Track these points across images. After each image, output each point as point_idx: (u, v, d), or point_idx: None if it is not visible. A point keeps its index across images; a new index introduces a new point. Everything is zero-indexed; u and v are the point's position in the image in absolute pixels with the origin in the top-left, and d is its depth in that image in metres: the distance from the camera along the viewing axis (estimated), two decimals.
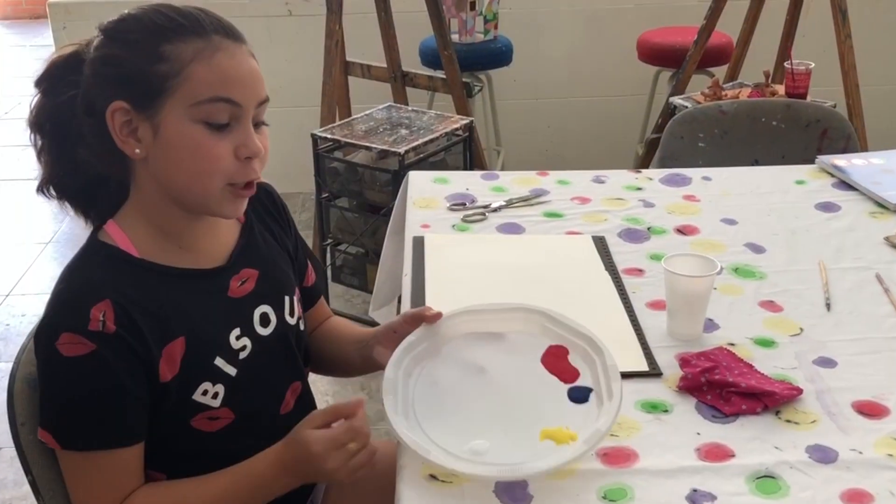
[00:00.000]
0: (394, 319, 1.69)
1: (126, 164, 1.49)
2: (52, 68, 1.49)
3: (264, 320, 1.61)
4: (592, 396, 1.53)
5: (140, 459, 1.49)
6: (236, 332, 1.56)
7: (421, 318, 1.63)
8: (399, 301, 2.27)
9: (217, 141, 1.44)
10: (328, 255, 3.83)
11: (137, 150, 1.45)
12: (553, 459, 1.41)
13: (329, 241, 3.82)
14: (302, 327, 1.70)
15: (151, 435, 1.49)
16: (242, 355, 1.56)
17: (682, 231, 2.24)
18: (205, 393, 1.51)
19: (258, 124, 1.49)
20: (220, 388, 1.52)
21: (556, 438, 1.46)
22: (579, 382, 1.56)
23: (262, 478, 1.48)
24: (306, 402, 1.72)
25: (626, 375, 1.64)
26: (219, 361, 1.53)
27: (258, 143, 1.47)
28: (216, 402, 1.52)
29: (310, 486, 1.79)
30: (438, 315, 1.64)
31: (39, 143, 1.51)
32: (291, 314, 1.66)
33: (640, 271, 2.06)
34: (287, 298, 1.66)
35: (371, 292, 2.77)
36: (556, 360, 1.60)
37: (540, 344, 1.63)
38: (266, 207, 1.71)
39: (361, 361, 1.75)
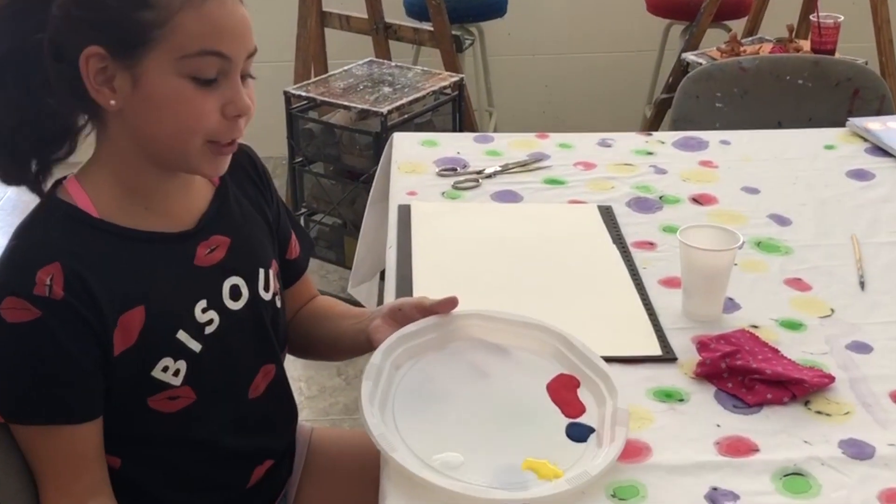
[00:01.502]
0: (404, 300, 1.69)
1: (97, 114, 1.48)
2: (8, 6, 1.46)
3: (235, 293, 1.60)
4: (592, 438, 1.50)
5: (97, 442, 1.48)
6: (202, 304, 1.55)
7: (434, 309, 1.64)
8: (382, 277, 2.26)
9: (204, 97, 1.43)
10: None
11: (113, 102, 1.44)
12: (526, 492, 1.39)
13: (303, 210, 3.81)
14: (279, 304, 1.69)
15: (105, 415, 1.49)
16: (208, 330, 1.55)
17: (698, 200, 2.24)
18: (165, 370, 1.50)
19: (244, 77, 1.49)
20: (181, 365, 1.52)
21: (539, 471, 1.43)
22: (582, 419, 1.53)
23: None
24: (279, 388, 1.71)
25: (637, 360, 1.65)
26: (181, 335, 1.52)
27: (247, 101, 1.47)
28: (177, 381, 1.52)
29: (283, 477, 1.79)
30: (452, 303, 1.64)
31: None
32: (266, 289, 1.65)
33: (651, 245, 2.05)
34: (262, 271, 1.65)
35: (350, 268, 2.77)
36: (564, 391, 1.58)
37: (550, 369, 1.62)
38: (245, 171, 1.71)
39: (355, 338, 1.74)
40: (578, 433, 1.51)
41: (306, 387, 3.36)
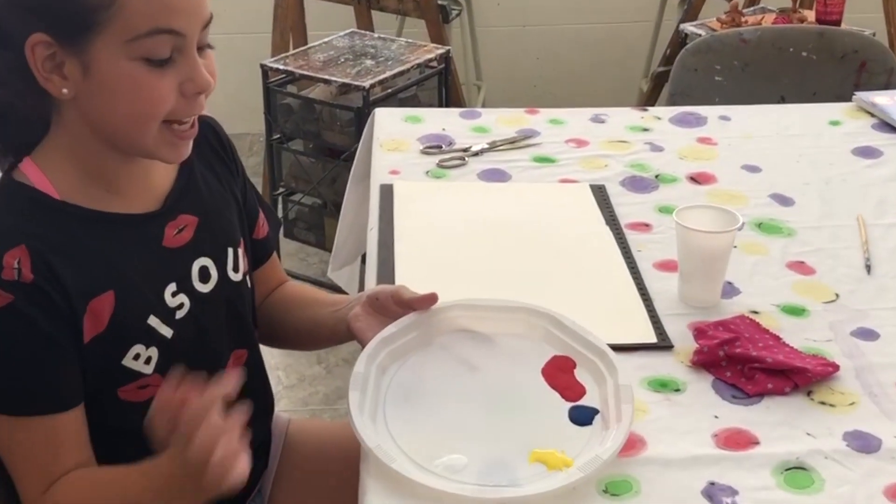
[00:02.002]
0: (382, 288, 1.68)
1: (50, 101, 1.46)
2: None
3: (204, 275, 1.60)
4: (597, 419, 1.50)
5: (79, 429, 1.47)
6: (172, 287, 1.55)
7: (410, 305, 1.63)
8: (363, 260, 2.26)
9: (159, 78, 1.42)
10: (280, 207, 3.82)
11: (64, 90, 1.43)
12: (539, 485, 1.39)
13: (281, 190, 3.80)
14: (249, 285, 1.70)
15: None
16: (179, 314, 1.55)
17: (696, 179, 2.24)
18: (136, 357, 1.50)
19: (202, 48, 1.47)
20: (153, 352, 1.52)
21: (549, 463, 1.43)
22: (584, 401, 1.54)
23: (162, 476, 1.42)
24: (253, 373, 1.70)
25: (631, 348, 1.65)
26: (153, 321, 1.52)
27: (206, 76, 1.45)
28: (148, 369, 1.52)
29: (258, 473, 1.79)
30: (431, 300, 1.63)
31: None
32: (236, 269, 1.65)
33: (646, 226, 2.05)
34: (231, 251, 1.65)
35: (330, 250, 2.78)
36: (560, 374, 1.58)
37: (543, 352, 1.62)
38: (210, 144, 1.70)
39: (335, 327, 1.73)
40: (582, 416, 1.51)
41: (284, 375, 3.36)
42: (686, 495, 1.40)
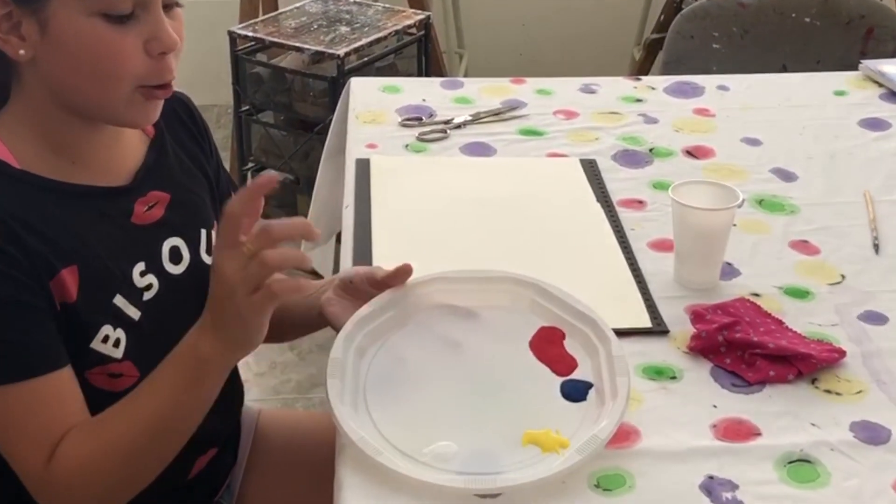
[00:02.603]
0: (355, 269, 1.68)
1: (9, 66, 1.46)
2: None
3: (175, 256, 1.60)
4: (592, 393, 1.50)
5: (74, 389, 1.46)
6: (140, 266, 1.55)
7: (386, 283, 1.63)
8: (338, 240, 2.25)
9: (121, 36, 1.41)
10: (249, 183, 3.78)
11: (22, 51, 1.42)
12: (536, 471, 1.38)
13: (250, 165, 3.80)
14: None
15: None
16: (147, 296, 1.55)
17: (692, 153, 2.24)
18: (105, 339, 1.50)
19: (169, 6, 1.47)
20: (121, 335, 1.51)
21: (543, 444, 1.42)
22: (576, 375, 1.54)
23: (187, 352, 1.45)
24: None
25: (624, 333, 1.64)
26: (119, 300, 1.51)
27: (172, 34, 1.44)
28: (118, 353, 1.51)
29: (227, 466, 1.78)
30: (405, 273, 1.62)
31: None
32: (209, 252, 1.65)
33: (640, 203, 2.05)
34: (204, 232, 1.65)
35: None
36: (549, 346, 1.58)
37: (529, 324, 1.61)
38: (181, 120, 1.69)
39: (306, 313, 1.73)
40: (575, 391, 1.51)
41: (254, 362, 3.36)
42: (683, 490, 1.39)
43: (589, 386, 1.52)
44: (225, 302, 1.38)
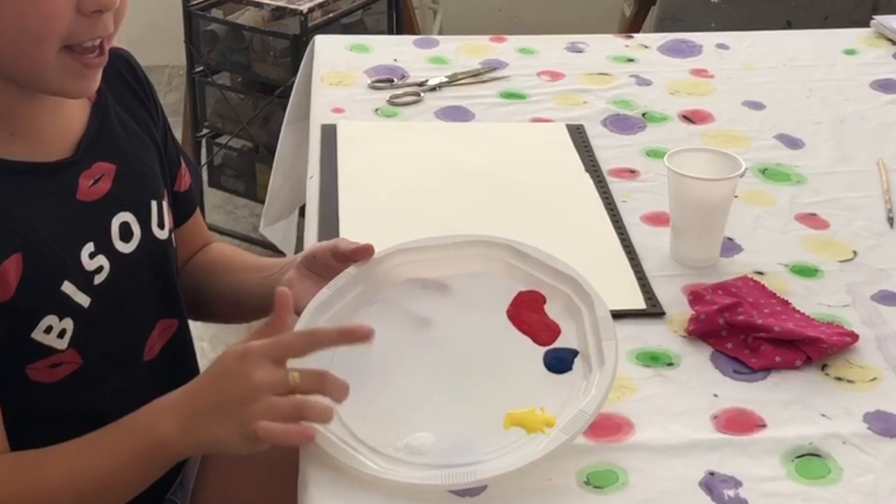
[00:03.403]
0: (318, 245, 1.67)
1: None
2: None
3: (125, 232, 1.58)
4: (577, 362, 1.49)
5: None
6: (89, 247, 1.53)
7: (349, 256, 1.62)
8: (302, 214, 2.25)
9: None
10: (204, 151, 3.82)
11: None
12: (520, 457, 1.37)
13: (205, 131, 3.80)
14: (174, 244, 1.70)
15: None
16: (98, 279, 1.54)
17: (689, 118, 2.24)
18: (48, 330, 1.49)
19: None
20: (68, 324, 1.50)
21: (527, 425, 1.41)
22: (559, 343, 1.52)
23: (143, 428, 1.43)
24: (180, 348, 1.72)
25: (615, 316, 1.62)
26: (67, 287, 1.50)
27: None
28: (62, 343, 1.50)
29: (179, 463, 1.75)
30: (368, 252, 1.61)
31: None
32: (161, 225, 1.64)
33: (632, 173, 2.05)
34: (154, 204, 1.64)
35: (262, 201, 2.77)
36: (529, 313, 1.56)
37: (505, 290, 1.60)
38: (125, 80, 1.68)
39: (265, 295, 1.69)
40: (560, 361, 1.50)
41: (210, 348, 3.36)
42: (681, 487, 1.39)
43: (574, 353, 1.51)
44: (227, 402, 1.37)
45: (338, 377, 1.38)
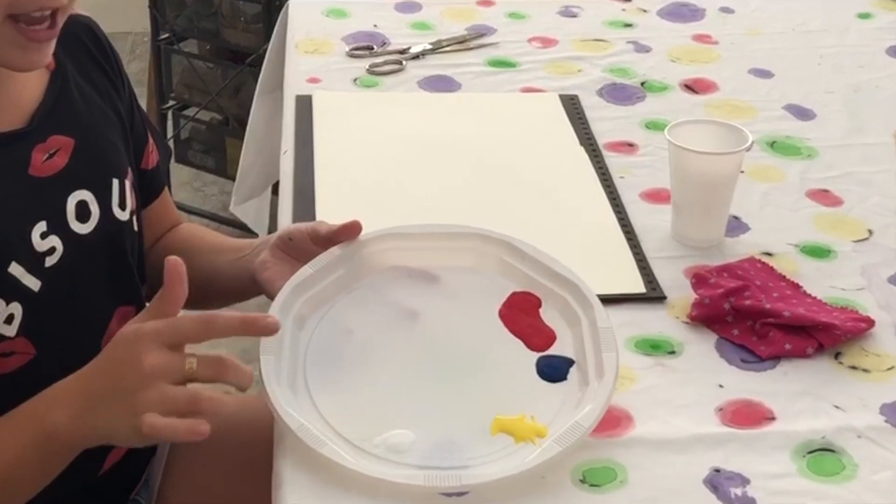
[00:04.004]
0: (295, 226, 1.67)
1: None
2: None
3: (82, 212, 1.58)
4: (573, 372, 1.49)
5: None
6: (41, 227, 1.52)
7: (332, 239, 1.61)
8: (275, 191, 2.25)
9: None
10: (170, 125, 3.82)
11: None
12: (507, 465, 1.37)
13: (171, 103, 3.81)
14: (136, 227, 1.68)
15: None
16: (50, 261, 1.53)
17: (691, 87, 2.25)
18: None
19: None
20: (16, 309, 1.49)
21: (516, 433, 1.41)
22: (554, 350, 1.52)
23: (31, 418, 1.42)
24: None
25: (613, 300, 1.63)
26: (15, 269, 1.49)
27: None
28: (10, 330, 1.49)
29: (144, 460, 1.78)
30: (354, 230, 1.61)
31: None
32: (122, 206, 1.63)
33: (630, 146, 2.06)
34: (116, 182, 1.63)
35: (232, 178, 2.78)
36: (522, 315, 1.57)
37: (499, 289, 1.60)
38: (86, 49, 1.68)
39: (237, 279, 1.73)
40: (554, 369, 1.50)
41: None
42: (684, 485, 1.38)
43: (570, 363, 1.51)
44: (118, 390, 1.35)
45: (240, 364, 1.35)
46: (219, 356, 1.35)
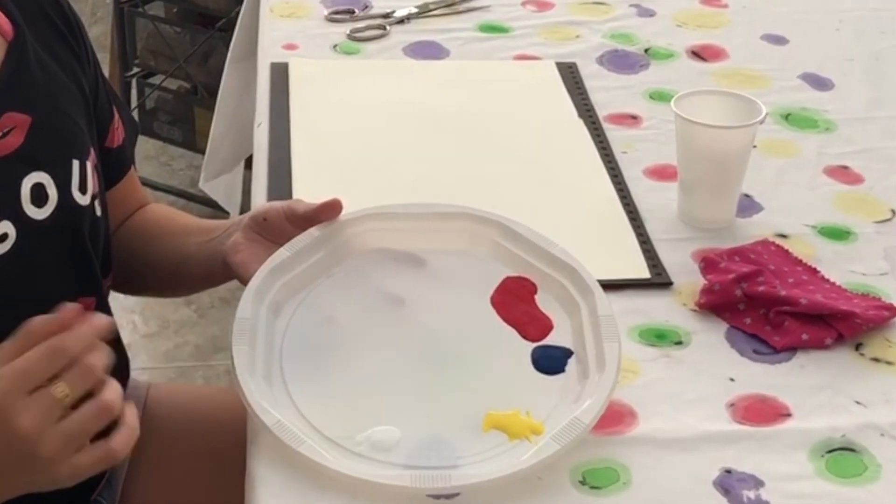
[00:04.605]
0: (270, 205, 1.67)
1: None
2: None
3: (38, 196, 1.57)
4: (572, 363, 1.50)
5: None
6: None
7: (310, 218, 1.61)
8: (248, 166, 2.24)
9: None
10: (133, 94, 3.83)
11: None
12: (502, 465, 1.37)
13: (135, 70, 3.82)
14: (99, 212, 1.68)
15: None
16: (1, 249, 1.53)
17: (699, 55, 2.26)
18: None
19: None
20: None
21: (510, 430, 1.41)
22: (551, 340, 1.53)
23: None
24: None
25: (615, 286, 1.64)
26: None
27: None
28: None
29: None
30: (334, 209, 1.61)
31: None
32: (83, 189, 1.62)
33: (633, 119, 2.06)
34: (76, 164, 1.62)
35: (202, 151, 2.77)
36: (516, 302, 1.57)
37: (491, 274, 1.60)
38: (47, 16, 1.67)
39: (206, 262, 1.72)
40: (551, 361, 1.50)
41: (141, 321, 3.38)
42: (692, 487, 1.38)
43: (568, 354, 1.51)
44: (16, 462, 1.32)
45: (106, 356, 1.33)
46: (84, 366, 1.32)
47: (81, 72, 1.69)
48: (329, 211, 1.61)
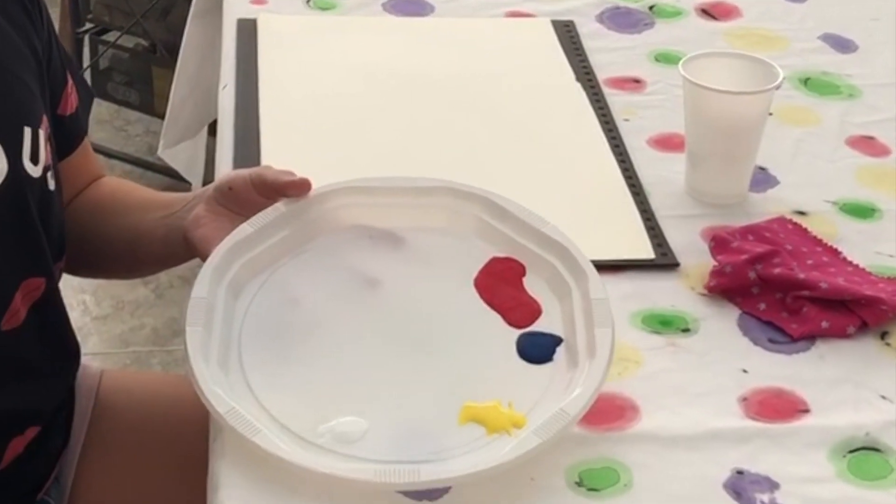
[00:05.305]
0: (236, 173, 1.67)
1: None
2: None
3: None
4: (561, 351, 1.50)
5: None
6: None
7: (279, 189, 1.61)
8: (212, 132, 2.24)
9: None
10: (86, 52, 3.84)
11: None
12: (477, 460, 1.37)
13: (88, 26, 3.83)
14: (52, 186, 1.68)
15: None
16: None
17: (709, 13, 2.26)
18: None
19: None
20: None
21: (489, 422, 1.41)
22: (538, 326, 1.53)
23: None
24: (51, 313, 1.70)
25: (616, 267, 1.65)
26: None
27: None
28: None
29: (55, 451, 1.78)
30: (304, 185, 1.61)
31: None
32: (34, 160, 1.62)
33: (637, 83, 2.07)
34: (28, 131, 1.62)
35: (161, 116, 2.77)
36: (502, 284, 1.57)
37: (475, 253, 1.61)
38: None
39: (165, 239, 1.72)
40: (537, 348, 1.50)
41: (93, 301, 3.39)
42: (700, 489, 1.38)
43: (557, 341, 1.50)
44: None
45: None
46: None
47: (34, 32, 1.69)
48: (296, 189, 1.61)
